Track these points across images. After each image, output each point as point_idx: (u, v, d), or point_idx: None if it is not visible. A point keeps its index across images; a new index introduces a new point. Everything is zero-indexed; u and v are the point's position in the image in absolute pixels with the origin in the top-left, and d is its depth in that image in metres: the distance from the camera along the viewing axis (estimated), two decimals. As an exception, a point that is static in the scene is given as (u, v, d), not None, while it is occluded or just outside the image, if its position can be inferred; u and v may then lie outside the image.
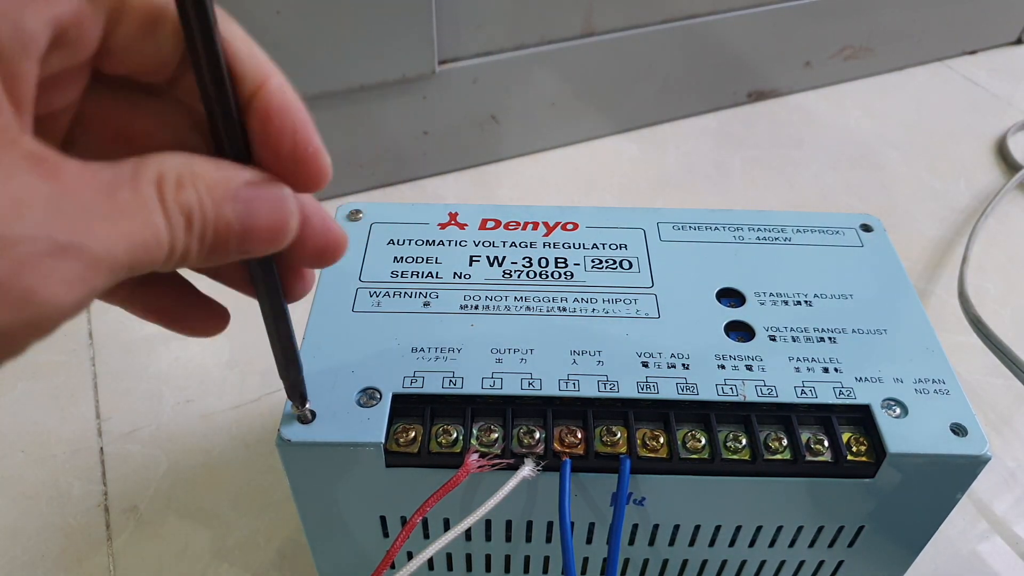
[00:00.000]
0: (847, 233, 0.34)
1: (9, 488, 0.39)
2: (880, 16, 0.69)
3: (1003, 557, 0.38)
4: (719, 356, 0.28)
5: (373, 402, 0.26)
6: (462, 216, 0.34)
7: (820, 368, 0.28)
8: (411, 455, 0.26)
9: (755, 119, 0.68)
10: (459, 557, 0.30)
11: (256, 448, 0.41)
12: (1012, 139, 0.65)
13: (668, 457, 0.26)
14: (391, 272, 0.31)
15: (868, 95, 0.72)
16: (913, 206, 0.59)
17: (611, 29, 0.59)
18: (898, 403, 0.27)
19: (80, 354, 0.46)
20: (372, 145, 0.56)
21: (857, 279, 0.31)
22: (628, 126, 0.66)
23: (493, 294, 0.30)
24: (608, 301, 0.30)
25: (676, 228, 0.34)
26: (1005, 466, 0.42)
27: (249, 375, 0.45)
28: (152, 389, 0.44)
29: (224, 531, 0.38)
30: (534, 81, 0.58)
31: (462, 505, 0.26)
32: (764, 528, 0.28)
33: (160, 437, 0.42)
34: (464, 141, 0.60)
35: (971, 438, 0.26)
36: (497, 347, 0.28)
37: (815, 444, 0.26)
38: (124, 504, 0.39)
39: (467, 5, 0.53)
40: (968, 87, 0.73)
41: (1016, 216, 0.59)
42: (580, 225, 0.34)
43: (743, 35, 0.64)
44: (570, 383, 0.27)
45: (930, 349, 0.29)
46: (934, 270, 0.53)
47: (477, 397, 0.27)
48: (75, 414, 0.43)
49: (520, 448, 0.26)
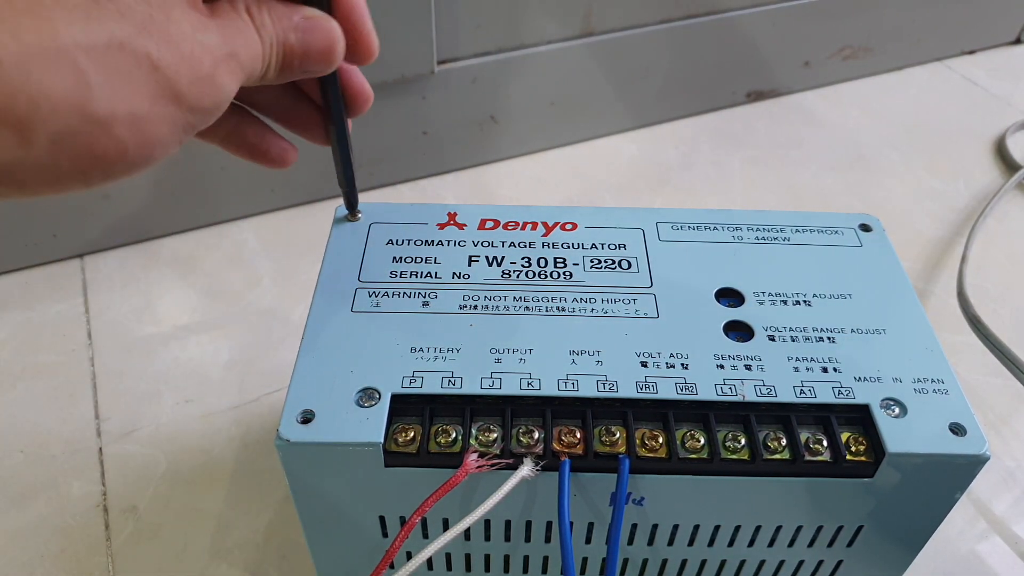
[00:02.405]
0: (846, 233, 0.34)
1: (8, 488, 0.39)
2: (879, 16, 0.69)
3: (1002, 557, 0.38)
4: (718, 356, 0.28)
5: (372, 402, 0.26)
6: (461, 216, 0.34)
7: (819, 368, 0.28)
8: (410, 455, 0.26)
9: (754, 119, 0.68)
10: (458, 557, 0.30)
11: (255, 448, 0.41)
12: (1011, 139, 0.65)
13: (667, 457, 0.26)
14: (390, 272, 0.31)
15: (867, 95, 0.72)
16: (912, 206, 0.59)
17: (610, 29, 0.59)
18: (897, 403, 0.27)
19: (79, 354, 0.46)
20: (371, 145, 0.56)
21: (856, 279, 0.31)
22: (627, 126, 0.66)
23: (492, 294, 0.30)
24: (607, 301, 0.30)
25: (675, 228, 0.34)
26: (1004, 466, 0.42)
27: (248, 375, 0.45)
28: (151, 389, 0.44)
29: (223, 531, 0.38)
30: (533, 81, 0.58)
31: (461, 505, 0.26)
32: (763, 528, 0.28)
33: (159, 437, 0.42)
34: (463, 141, 0.60)
35: (970, 438, 0.26)
36: (496, 347, 0.28)
37: (814, 444, 0.26)
38: (123, 504, 0.39)
39: (466, 5, 0.53)
40: (967, 87, 0.73)
41: (1015, 216, 0.59)
42: (579, 225, 0.34)
43: (742, 35, 0.64)
44: (569, 383, 0.27)
45: (929, 349, 0.29)
46: (933, 270, 0.53)
47: (476, 397, 0.27)
48: (74, 414, 0.43)
49: (519, 448, 0.26)
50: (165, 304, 0.50)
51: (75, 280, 0.51)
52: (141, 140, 0.19)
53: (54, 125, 0.18)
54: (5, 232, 0.50)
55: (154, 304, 0.50)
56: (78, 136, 0.18)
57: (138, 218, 0.53)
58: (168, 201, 0.53)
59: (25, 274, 0.51)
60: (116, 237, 0.53)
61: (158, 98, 0.19)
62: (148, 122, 0.19)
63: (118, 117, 0.19)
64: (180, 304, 0.50)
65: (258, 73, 0.22)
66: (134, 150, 0.19)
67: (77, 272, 0.52)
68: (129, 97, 0.19)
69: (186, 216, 0.54)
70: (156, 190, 0.52)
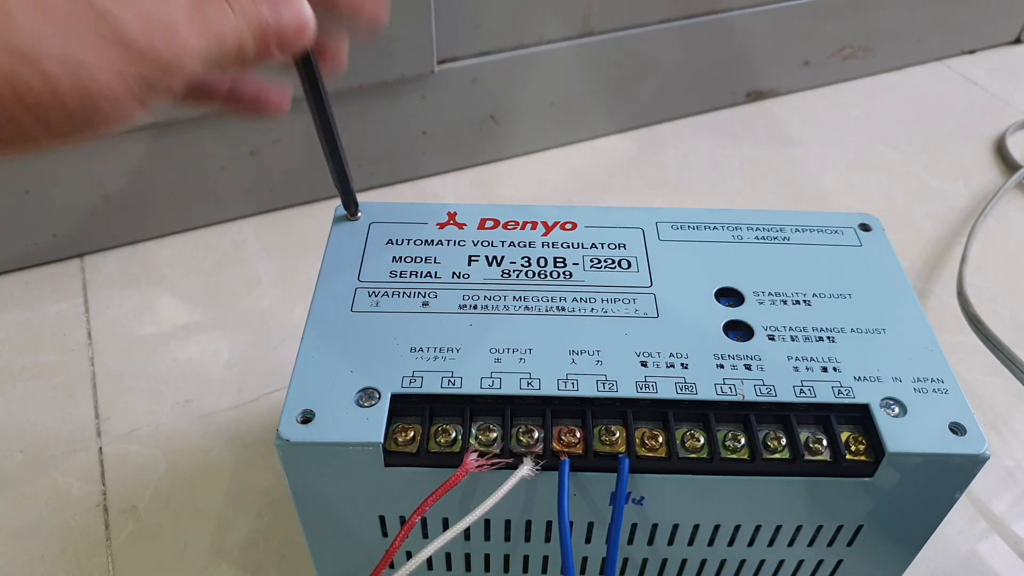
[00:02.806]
0: (846, 232, 0.34)
1: (8, 488, 0.39)
2: (879, 16, 0.69)
3: (1002, 556, 0.38)
4: (718, 355, 0.28)
5: (372, 402, 0.26)
6: (461, 216, 0.34)
7: (819, 367, 0.28)
8: (410, 455, 0.26)
9: (754, 119, 0.68)
10: (458, 557, 0.30)
11: (255, 448, 0.41)
12: (1011, 138, 0.65)
13: (667, 456, 0.26)
14: (390, 272, 0.31)
15: (867, 95, 0.72)
16: (912, 206, 0.59)
17: (610, 29, 0.59)
18: (897, 402, 0.27)
19: (79, 354, 0.46)
20: (371, 145, 0.56)
21: (856, 278, 0.31)
22: (627, 126, 0.66)
23: (492, 294, 0.30)
24: (607, 301, 0.30)
25: (675, 228, 0.34)
26: (1004, 465, 0.42)
27: (248, 375, 0.45)
28: (151, 389, 0.44)
29: (223, 531, 0.38)
30: (533, 81, 0.58)
31: (461, 505, 0.26)
32: (763, 527, 0.28)
33: (159, 437, 0.42)
34: (463, 141, 0.60)
35: (970, 437, 0.26)
36: (496, 347, 0.28)
37: (814, 443, 0.26)
38: (123, 504, 0.39)
39: (466, 4, 0.53)
40: (967, 87, 0.73)
41: (1015, 215, 0.59)
42: (579, 225, 0.34)
43: (742, 35, 0.64)
44: (569, 382, 0.27)
45: (929, 348, 0.29)
46: (933, 269, 0.54)
47: (476, 397, 0.27)
48: (74, 414, 0.43)
49: (519, 447, 0.26)
50: (165, 304, 0.50)
51: (75, 280, 0.51)
52: (79, 85, 0.18)
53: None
54: (5, 232, 0.50)
55: (154, 304, 0.50)
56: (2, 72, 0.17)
57: (138, 218, 0.53)
58: (167, 201, 0.53)
59: (25, 274, 0.51)
60: (116, 237, 0.53)
61: (102, 43, 0.18)
62: (88, 67, 0.18)
63: (48, 55, 0.17)
64: (180, 304, 0.50)
65: (233, 48, 0.21)
66: (71, 96, 0.18)
67: (77, 272, 0.52)
68: (63, 35, 0.18)
69: (185, 216, 0.54)
70: (156, 191, 0.52)
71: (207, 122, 0.50)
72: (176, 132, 0.50)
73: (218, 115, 0.50)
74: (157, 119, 0.49)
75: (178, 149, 0.51)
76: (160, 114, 0.48)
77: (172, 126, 0.50)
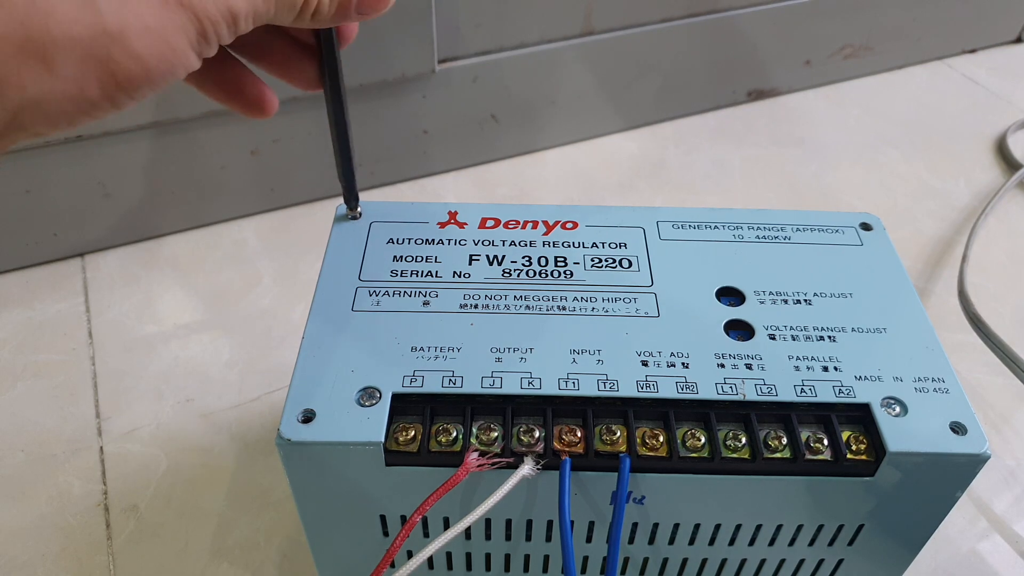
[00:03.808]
0: (847, 232, 0.34)
1: (9, 488, 0.39)
2: (880, 15, 0.69)
3: (1003, 555, 0.38)
4: (719, 355, 0.28)
5: (373, 401, 0.26)
6: (462, 215, 0.34)
7: (820, 367, 0.28)
8: (411, 454, 0.26)
9: (755, 118, 0.68)
10: (459, 556, 0.30)
11: (256, 447, 0.41)
12: (1012, 138, 0.65)
13: (668, 456, 0.26)
14: (391, 271, 0.31)
15: (868, 94, 0.72)
16: (913, 205, 0.59)
17: (610, 28, 0.59)
18: (898, 402, 0.27)
19: (80, 353, 0.46)
20: (372, 144, 0.56)
21: (857, 278, 0.31)
22: (628, 125, 0.66)
23: (493, 293, 0.30)
24: (608, 300, 0.30)
25: (676, 227, 0.34)
26: (1004, 464, 0.42)
27: (249, 375, 0.45)
28: (152, 388, 0.44)
29: (224, 530, 0.38)
30: (534, 80, 0.58)
31: (462, 504, 0.26)
32: (764, 527, 0.28)
33: (160, 436, 0.42)
34: (464, 140, 0.60)
35: (970, 436, 0.26)
36: (497, 346, 0.28)
37: (815, 443, 0.26)
38: (124, 503, 0.39)
39: (467, 4, 0.53)
40: (968, 86, 0.73)
41: (1016, 215, 0.59)
42: (580, 224, 0.34)
43: (743, 34, 0.64)
44: (570, 382, 0.27)
45: (930, 348, 0.29)
46: (934, 269, 0.53)
47: (477, 396, 0.27)
48: (75, 413, 0.43)
49: (520, 447, 0.26)
50: (166, 303, 0.50)
51: (76, 279, 0.51)
52: (158, 52, 0.20)
53: (73, 49, 0.18)
54: (6, 231, 0.50)
55: (155, 303, 0.50)
56: (98, 55, 0.19)
57: (139, 217, 0.53)
58: (168, 200, 0.53)
59: (26, 273, 0.51)
60: (117, 236, 0.53)
61: (164, 5, 0.20)
62: (161, 32, 0.20)
63: (132, 29, 0.19)
64: (181, 303, 0.50)
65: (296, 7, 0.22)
66: (155, 63, 0.20)
67: (78, 271, 0.52)
68: (136, 7, 0.19)
69: (186, 215, 0.54)
70: (156, 190, 0.52)
71: (208, 121, 0.50)
72: (177, 131, 0.50)
73: (220, 112, 0.50)
74: (158, 118, 0.49)
75: (179, 148, 0.51)
76: (161, 113, 0.48)
77: (173, 125, 0.50)
